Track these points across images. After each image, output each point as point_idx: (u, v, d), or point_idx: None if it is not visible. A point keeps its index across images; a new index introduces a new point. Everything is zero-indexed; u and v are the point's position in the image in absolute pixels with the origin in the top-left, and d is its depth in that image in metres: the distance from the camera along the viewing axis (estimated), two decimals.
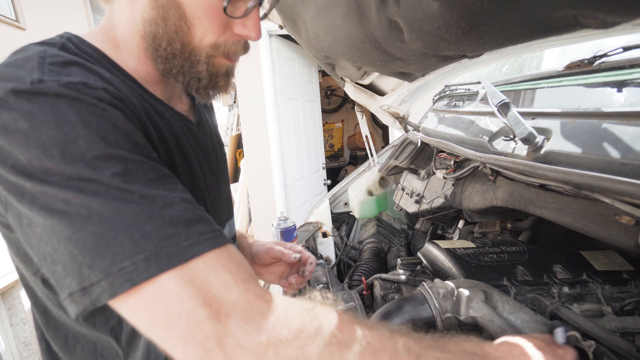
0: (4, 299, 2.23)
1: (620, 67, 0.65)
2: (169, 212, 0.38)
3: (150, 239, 0.36)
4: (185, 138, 0.57)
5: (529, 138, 0.65)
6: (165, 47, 0.49)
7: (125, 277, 0.35)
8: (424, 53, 0.72)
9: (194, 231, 0.39)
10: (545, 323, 0.63)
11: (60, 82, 0.38)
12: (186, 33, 0.48)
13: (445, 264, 0.95)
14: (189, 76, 0.52)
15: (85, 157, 0.36)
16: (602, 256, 0.83)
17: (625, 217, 0.58)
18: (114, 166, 0.37)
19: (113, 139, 0.38)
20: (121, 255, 0.35)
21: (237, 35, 0.52)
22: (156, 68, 0.52)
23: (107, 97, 0.40)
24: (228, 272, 0.39)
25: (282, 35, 2.97)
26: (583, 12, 0.42)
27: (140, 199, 0.37)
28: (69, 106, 0.37)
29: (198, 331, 0.35)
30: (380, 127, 5.64)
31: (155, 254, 0.36)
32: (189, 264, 0.37)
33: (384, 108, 1.46)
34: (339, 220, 1.92)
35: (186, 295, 0.36)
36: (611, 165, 0.52)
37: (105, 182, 0.37)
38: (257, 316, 0.37)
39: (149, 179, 0.39)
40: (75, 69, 0.41)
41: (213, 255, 0.39)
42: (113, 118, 0.40)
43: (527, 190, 0.81)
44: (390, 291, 0.96)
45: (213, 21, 0.48)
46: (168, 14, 0.47)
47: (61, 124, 0.36)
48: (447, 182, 1.18)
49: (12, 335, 2.26)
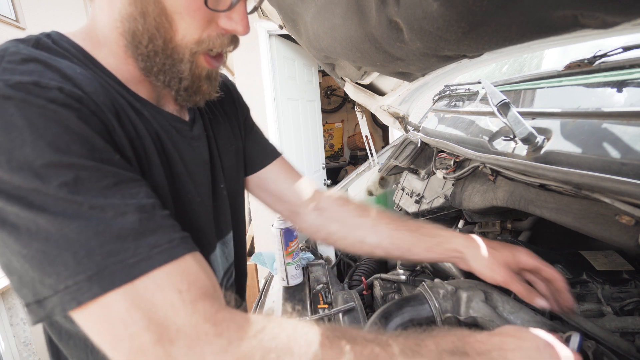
0: (4, 299, 2.23)
1: (620, 67, 0.65)
2: (118, 223, 0.36)
3: (93, 257, 0.34)
4: (168, 137, 0.54)
5: (529, 138, 0.65)
6: (146, 45, 0.47)
7: (71, 296, 0.34)
8: (424, 53, 0.72)
9: (144, 244, 0.37)
10: (545, 323, 0.63)
11: (9, 82, 0.35)
12: (167, 29, 0.46)
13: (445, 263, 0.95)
14: (169, 75, 0.50)
15: (32, 166, 0.34)
16: (602, 256, 0.83)
17: (625, 217, 0.58)
18: (63, 175, 0.35)
19: (64, 144, 0.36)
20: (64, 274, 0.34)
21: (223, 29, 0.49)
22: (137, 66, 0.50)
23: (60, 97, 0.37)
24: (177, 292, 0.37)
25: (282, 35, 2.97)
26: (583, 12, 0.42)
27: (89, 210, 0.35)
28: (16, 109, 0.35)
29: (141, 356, 0.34)
30: (380, 127, 5.64)
31: (98, 272, 0.34)
32: (135, 282, 0.35)
33: (384, 108, 1.46)
34: None
35: (130, 318, 0.35)
36: (611, 165, 0.52)
37: (52, 194, 0.35)
38: (202, 343, 0.35)
39: (104, 186, 0.37)
40: (33, 65, 0.39)
41: (163, 271, 0.37)
42: (65, 120, 0.37)
43: (527, 190, 0.81)
44: (390, 291, 0.96)
45: (195, 16, 0.46)
46: (147, 9, 0.44)
47: (8, 129, 0.34)
48: (447, 182, 1.18)
49: (12, 335, 2.26)
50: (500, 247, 0.64)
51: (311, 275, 1.19)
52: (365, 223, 0.75)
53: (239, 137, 0.74)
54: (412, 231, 0.72)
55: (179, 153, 0.56)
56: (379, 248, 0.73)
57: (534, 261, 0.62)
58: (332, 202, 0.79)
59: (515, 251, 0.63)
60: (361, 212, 0.77)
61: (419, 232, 0.71)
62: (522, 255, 0.63)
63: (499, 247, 0.64)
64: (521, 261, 0.63)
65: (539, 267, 0.61)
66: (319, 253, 1.50)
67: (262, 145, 0.79)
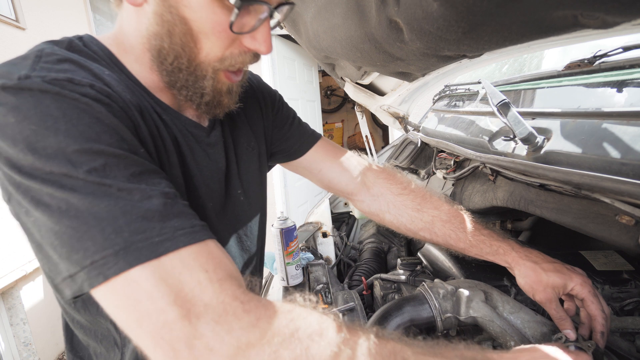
0: (4, 299, 2.23)
1: (620, 67, 0.65)
2: (145, 205, 0.38)
3: (121, 233, 0.36)
4: (185, 142, 0.56)
5: (529, 138, 0.65)
6: (171, 62, 0.49)
7: (97, 271, 0.36)
8: (424, 53, 0.72)
9: (169, 226, 0.38)
10: (545, 323, 0.63)
11: (46, 78, 0.39)
12: (192, 48, 0.48)
13: (445, 264, 0.95)
14: (192, 90, 0.52)
15: (65, 151, 0.37)
16: (602, 256, 0.83)
17: (625, 217, 0.58)
18: (93, 161, 0.37)
19: (95, 134, 0.38)
20: (92, 249, 0.36)
21: (246, 48, 0.51)
22: (161, 79, 0.52)
23: (92, 92, 0.40)
24: (203, 271, 0.38)
25: (282, 35, 2.97)
26: (583, 12, 0.42)
27: (118, 192, 0.37)
28: (52, 101, 0.38)
29: (167, 332, 0.35)
30: (380, 127, 5.65)
31: (124, 248, 0.36)
32: (161, 259, 0.36)
33: (384, 108, 1.46)
34: (339, 220, 1.92)
35: (157, 292, 0.35)
36: (611, 165, 0.52)
37: (82, 177, 0.37)
38: (230, 318, 0.36)
39: (131, 174, 0.39)
40: (67, 65, 0.42)
41: (188, 251, 0.38)
42: (96, 113, 0.39)
43: (527, 190, 0.81)
44: (390, 291, 0.96)
45: (220, 36, 0.48)
46: (173, 29, 0.46)
47: (43, 118, 0.37)
48: (447, 182, 1.18)
49: (12, 335, 2.26)
50: (554, 270, 0.64)
51: (311, 275, 1.19)
52: (422, 221, 0.77)
53: (262, 138, 0.74)
54: (469, 236, 0.73)
55: (195, 158, 0.57)
56: (434, 242, 0.79)
57: (584, 293, 0.61)
58: (383, 185, 0.81)
59: (569, 278, 0.62)
60: (419, 205, 0.78)
61: (475, 238, 0.73)
62: (574, 284, 0.62)
63: (551, 271, 0.64)
64: (571, 290, 0.62)
65: (585, 300, 0.61)
66: (319, 253, 1.50)
67: (300, 133, 0.80)
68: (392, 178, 0.82)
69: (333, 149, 0.83)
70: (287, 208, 3.13)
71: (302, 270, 1.19)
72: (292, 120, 0.81)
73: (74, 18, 2.88)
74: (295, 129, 0.81)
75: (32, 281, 2.35)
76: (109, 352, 0.56)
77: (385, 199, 0.81)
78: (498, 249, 0.71)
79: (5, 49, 2.19)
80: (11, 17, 2.23)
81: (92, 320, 0.54)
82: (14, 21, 2.24)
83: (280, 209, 2.63)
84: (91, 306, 0.52)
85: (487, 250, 0.72)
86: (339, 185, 0.83)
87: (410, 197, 0.79)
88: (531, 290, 0.65)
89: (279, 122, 0.79)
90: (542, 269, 0.65)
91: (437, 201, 0.78)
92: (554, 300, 0.63)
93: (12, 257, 2.15)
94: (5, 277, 2.09)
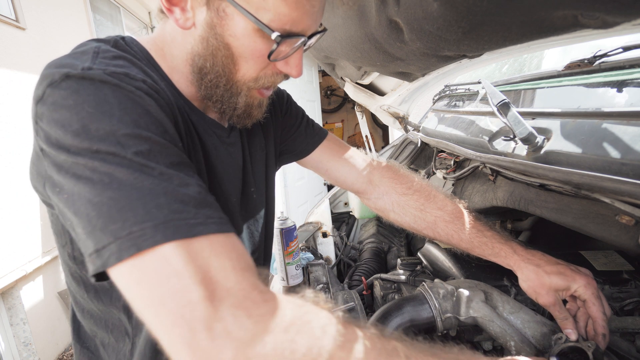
0: (4, 299, 2.23)
1: (620, 67, 0.65)
2: (183, 190, 0.41)
3: (161, 210, 0.38)
4: (210, 141, 0.60)
5: (529, 138, 0.65)
6: (210, 79, 0.54)
7: (132, 242, 0.37)
8: (424, 53, 0.72)
9: (202, 213, 0.40)
10: (545, 323, 0.63)
11: (106, 70, 0.43)
12: (231, 69, 0.53)
13: (445, 264, 0.95)
14: (226, 105, 0.57)
15: (116, 134, 0.40)
16: (602, 256, 0.83)
17: (625, 217, 0.58)
18: (140, 145, 0.41)
19: (144, 123, 0.42)
20: (132, 220, 0.37)
21: (279, 70, 0.56)
22: (198, 92, 0.57)
23: (144, 87, 0.45)
24: (228, 259, 0.39)
25: None
26: (583, 12, 0.42)
27: (160, 175, 0.40)
28: (110, 91, 0.42)
29: (189, 311, 0.35)
30: (380, 127, 5.65)
31: (164, 223, 0.37)
32: (194, 240, 0.38)
33: (384, 108, 1.46)
34: (339, 220, 1.92)
35: (186, 271, 0.36)
36: (611, 165, 0.52)
37: (129, 157, 0.40)
38: (250, 304, 0.37)
39: (171, 162, 0.42)
40: (122, 62, 0.47)
41: (217, 238, 0.40)
42: (147, 105, 0.44)
43: (527, 190, 0.81)
44: (390, 291, 0.96)
45: (258, 61, 0.53)
46: (217, 52, 0.51)
47: (101, 103, 0.41)
48: (447, 182, 1.18)
49: (12, 335, 2.26)
50: (557, 273, 0.64)
51: (311, 275, 1.19)
52: (425, 221, 0.80)
53: (271, 140, 0.77)
54: (472, 237, 0.75)
55: (219, 156, 0.62)
56: (438, 240, 0.82)
57: (587, 295, 0.61)
58: (388, 184, 0.84)
59: (572, 280, 0.62)
60: (422, 205, 0.80)
61: (478, 240, 0.74)
62: (577, 286, 0.62)
63: (554, 273, 0.64)
64: (575, 292, 0.63)
65: (587, 302, 0.61)
66: (319, 253, 1.50)
67: (307, 132, 0.84)
68: (397, 177, 0.84)
69: (338, 148, 0.86)
70: (287, 208, 3.13)
71: (302, 270, 1.19)
72: (301, 120, 0.84)
73: (74, 18, 2.89)
74: (303, 129, 0.83)
75: (32, 281, 2.35)
76: (119, 342, 0.58)
77: (390, 198, 0.83)
78: (500, 252, 0.71)
79: (5, 49, 2.19)
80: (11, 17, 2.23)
81: (104, 310, 0.57)
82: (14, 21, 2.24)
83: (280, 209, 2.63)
84: (104, 296, 0.56)
85: (489, 252, 0.73)
86: (347, 184, 0.86)
87: (414, 197, 0.81)
88: (534, 294, 0.66)
89: (288, 122, 0.82)
90: (545, 272, 0.65)
91: (442, 201, 0.80)
92: (557, 303, 0.63)
93: (12, 257, 2.15)
94: (5, 277, 2.09)
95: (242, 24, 0.49)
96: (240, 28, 0.49)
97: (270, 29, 0.48)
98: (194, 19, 0.50)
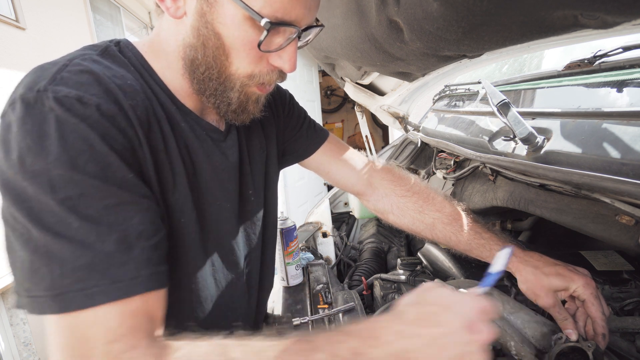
0: (4, 299, 2.23)
1: (620, 67, 0.65)
2: (97, 249, 0.40)
3: (65, 279, 0.39)
4: (202, 147, 0.59)
5: (529, 138, 0.65)
6: (202, 72, 0.53)
7: (36, 305, 0.40)
8: (424, 53, 0.72)
9: (108, 277, 0.40)
10: (545, 323, 0.63)
11: (59, 94, 0.41)
12: (223, 61, 0.52)
13: (445, 264, 0.95)
14: (219, 99, 0.56)
15: (50, 173, 0.39)
16: (602, 256, 0.83)
17: (625, 217, 0.58)
18: (71, 189, 0.40)
19: (83, 161, 0.41)
20: (40, 285, 0.40)
21: (273, 66, 0.55)
22: (192, 86, 0.56)
23: (94, 115, 0.42)
24: (105, 330, 0.40)
25: None
26: (583, 12, 0.43)
27: (75, 231, 0.40)
28: (54, 122, 0.40)
29: None
30: (380, 127, 5.65)
31: (61, 294, 0.39)
32: (80, 313, 0.40)
33: (384, 108, 1.46)
34: (339, 220, 1.92)
35: (60, 343, 0.40)
36: (611, 165, 0.52)
37: (52, 205, 0.39)
38: None
39: (105, 205, 0.42)
40: (86, 78, 0.44)
41: (108, 308, 0.40)
42: (91, 139, 0.42)
43: (527, 190, 0.81)
44: (390, 291, 0.96)
45: (250, 53, 0.51)
46: (208, 42, 0.50)
47: (42, 137, 0.40)
48: (447, 182, 1.18)
49: (12, 335, 2.26)
50: (555, 274, 0.64)
51: (311, 275, 1.19)
52: (423, 223, 0.80)
53: (273, 140, 0.76)
54: (470, 239, 0.75)
55: (211, 161, 0.60)
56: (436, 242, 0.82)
57: (586, 295, 0.61)
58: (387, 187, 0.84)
59: (570, 281, 0.62)
60: (420, 207, 0.81)
61: (475, 242, 0.74)
62: (576, 286, 0.62)
63: (552, 274, 0.64)
64: (573, 292, 0.63)
65: (586, 302, 0.61)
66: (319, 253, 1.50)
67: (308, 133, 0.84)
68: (396, 179, 0.84)
69: (339, 149, 0.86)
70: (287, 208, 3.13)
71: (302, 270, 1.19)
72: (303, 121, 0.83)
73: (74, 18, 2.88)
74: (305, 130, 0.83)
75: None
76: None
77: (389, 200, 0.83)
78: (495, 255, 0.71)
79: (5, 49, 2.19)
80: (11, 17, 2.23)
81: None
82: (14, 21, 2.24)
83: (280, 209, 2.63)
84: None
85: (487, 254, 0.73)
86: (347, 186, 0.87)
87: (413, 200, 0.81)
88: (534, 296, 0.66)
89: (290, 123, 0.81)
90: (543, 273, 0.65)
91: (440, 203, 0.80)
92: (556, 304, 0.63)
93: None
94: (5, 277, 2.09)
95: (232, 11, 0.48)
96: (230, 15, 0.48)
97: (259, 16, 0.47)
98: (185, 7, 0.50)
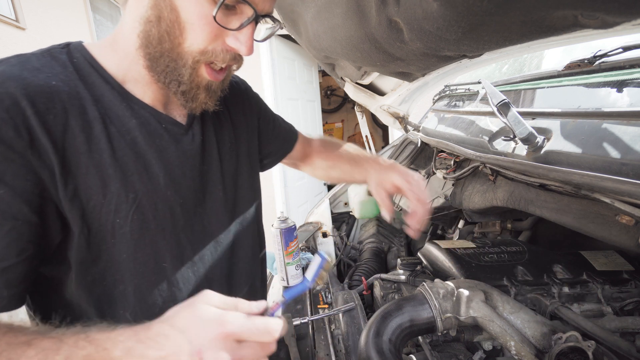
0: None
1: (620, 67, 0.65)
2: None
3: None
4: (152, 140, 0.56)
5: (529, 138, 0.65)
6: (155, 46, 0.52)
7: None
8: (424, 53, 0.72)
9: None
10: (545, 323, 0.63)
11: None
12: (177, 36, 0.51)
13: (445, 264, 0.95)
14: (170, 77, 0.54)
15: None
16: (602, 256, 0.83)
17: (625, 217, 0.58)
18: None
19: None
20: None
21: (228, 47, 0.54)
22: (145, 65, 0.54)
23: None
24: None
25: (282, 35, 2.97)
26: (583, 12, 0.43)
27: None
28: None
29: None
30: (380, 127, 5.64)
31: None
32: None
33: (384, 108, 1.46)
34: (339, 220, 1.92)
35: None
36: (611, 165, 0.52)
37: None
38: None
39: None
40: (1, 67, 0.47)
41: None
42: None
43: (527, 190, 0.81)
44: (390, 291, 0.96)
45: (205, 29, 0.51)
46: (163, 14, 0.50)
47: None
48: (447, 182, 1.18)
49: None
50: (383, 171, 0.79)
51: None
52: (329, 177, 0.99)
53: (244, 141, 0.74)
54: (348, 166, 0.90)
55: (163, 156, 0.57)
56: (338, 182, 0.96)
57: (401, 184, 0.76)
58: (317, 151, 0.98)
59: (387, 175, 0.78)
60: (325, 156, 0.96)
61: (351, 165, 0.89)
62: (393, 178, 0.77)
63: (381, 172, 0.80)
64: (394, 183, 0.77)
65: (403, 190, 0.76)
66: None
67: (281, 137, 0.88)
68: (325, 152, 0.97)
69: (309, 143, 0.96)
70: (287, 208, 3.13)
71: (302, 270, 1.19)
72: (276, 124, 0.86)
73: (74, 18, 2.88)
74: (278, 133, 0.86)
75: None
76: None
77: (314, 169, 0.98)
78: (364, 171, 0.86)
79: (5, 49, 2.19)
80: (11, 17, 2.23)
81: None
82: (14, 21, 2.24)
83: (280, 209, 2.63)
84: None
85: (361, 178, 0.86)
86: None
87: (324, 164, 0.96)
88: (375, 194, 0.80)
89: (263, 125, 0.82)
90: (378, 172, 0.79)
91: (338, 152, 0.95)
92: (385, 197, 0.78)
93: None
94: None
95: None
96: None
97: None
98: None
